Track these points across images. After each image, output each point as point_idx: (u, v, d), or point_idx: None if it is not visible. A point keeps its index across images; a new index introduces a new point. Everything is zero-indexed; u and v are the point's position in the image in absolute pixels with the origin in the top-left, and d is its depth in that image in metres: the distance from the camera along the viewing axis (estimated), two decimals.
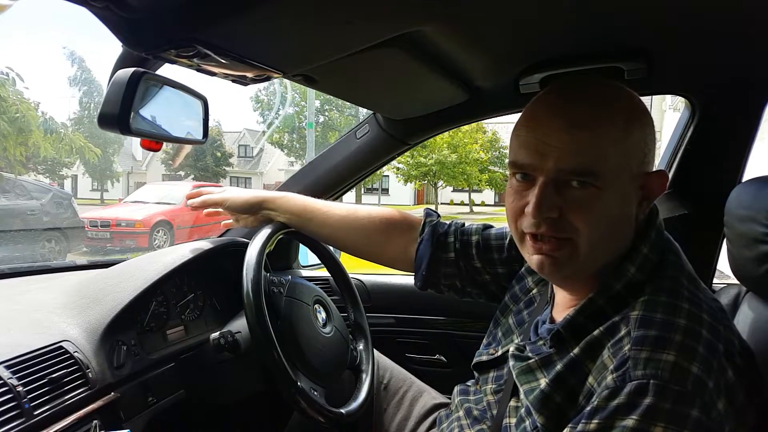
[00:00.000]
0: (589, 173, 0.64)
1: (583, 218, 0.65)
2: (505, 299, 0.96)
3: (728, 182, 1.09)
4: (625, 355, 0.59)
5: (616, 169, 0.65)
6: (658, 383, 0.56)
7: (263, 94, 22.12)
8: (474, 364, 0.93)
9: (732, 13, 0.80)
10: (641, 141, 0.68)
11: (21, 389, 0.74)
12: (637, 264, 0.68)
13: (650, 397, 0.55)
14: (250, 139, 29.70)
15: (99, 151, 9.91)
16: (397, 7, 0.68)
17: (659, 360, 0.57)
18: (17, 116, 7.65)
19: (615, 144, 0.65)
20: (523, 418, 0.72)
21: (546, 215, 0.66)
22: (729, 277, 0.90)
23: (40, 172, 20.49)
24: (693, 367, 0.57)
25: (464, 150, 18.61)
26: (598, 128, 0.65)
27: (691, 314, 0.61)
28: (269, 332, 0.89)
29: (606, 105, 0.68)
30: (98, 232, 9.40)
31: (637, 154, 0.68)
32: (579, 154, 0.64)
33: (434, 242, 1.03)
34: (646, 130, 0.69)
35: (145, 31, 0.63)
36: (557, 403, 0.66)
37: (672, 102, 10.34)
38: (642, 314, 0.62)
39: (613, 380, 0.59)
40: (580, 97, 0.70)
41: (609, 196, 0.65)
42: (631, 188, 0.68)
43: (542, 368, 0.70)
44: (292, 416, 1.12)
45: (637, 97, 0.72)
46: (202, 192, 1.23)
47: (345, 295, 1.22)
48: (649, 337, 0.59)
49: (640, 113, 0.69)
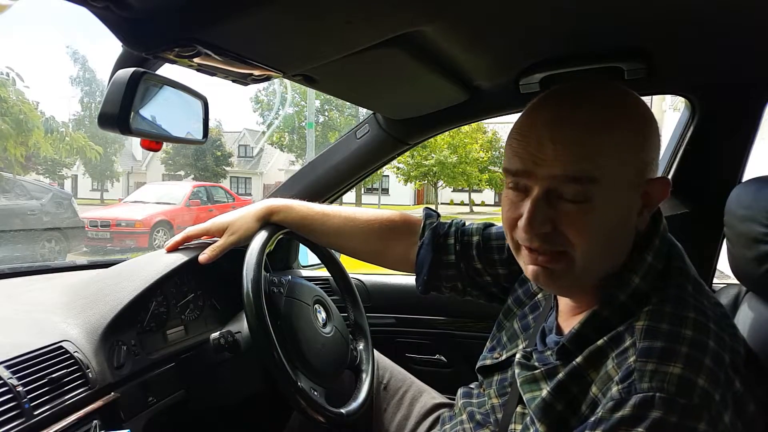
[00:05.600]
0: (582, 183, 0.62)
1: (577, 232, 0.64)
2: (508, 302, 0.95)
3: (728, 182, 1.09)
4: (631, 366, 0.59)
5: (612, 180, 0.62)
6: (664, 396, 0.55)
7: (263, 95, 22.14)
8: (478, 367, 0.92)
9: (732, 13, 0.80)
10: (643, 149, 0.65)
11: (21, 389, 0.74)
12: (641, 274, 0.66)
13: (656, 410, 0.55)
14: (250, 139, 29.71)
15: (101, 149, 9.87)
16: (397, 7, 0.68)
17: (665, 373, 0.56)
18: (20, 117, 7.63)
19: (612, 153, 0.63)
20: (528, 426, 0.71)
21: (538, 230, 0.65)
22: (729, 277, 0.90)
23: (40, 172, 20.50)
24: (700, 380, 0.56)
25: (464, 150, 18.62)
26: (596, 137, 0.63)
27: (697, 324, 0.60)
28: (269, 332, 0.89)
29: (605, 113, 0.65)
30: (98, 232, 9.41)
31: (638, 162, 0.65)
32: (573, 163, 0.62)
33: (435, 246, 1.02)
34: (649, 137, 0.66)
35: (145, 31, 0.63)
36: (558, 412, 0.65)
37: (672, 102, 10.33)
38: (647, 324, 0.61)
39: (618, 392, 0.58)
40: (577, 105, 0.66)
41: (604, 208, 0.63)
42: (630, 197, 0.65)
43: (546, 378, 0.69)
44: (292, 416, 1.12)
45: (643, 104, 0.68)
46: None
47: (345, 295, 1.22)
48: (655, 348, 0.58)
49: (644, 120, 0.66)
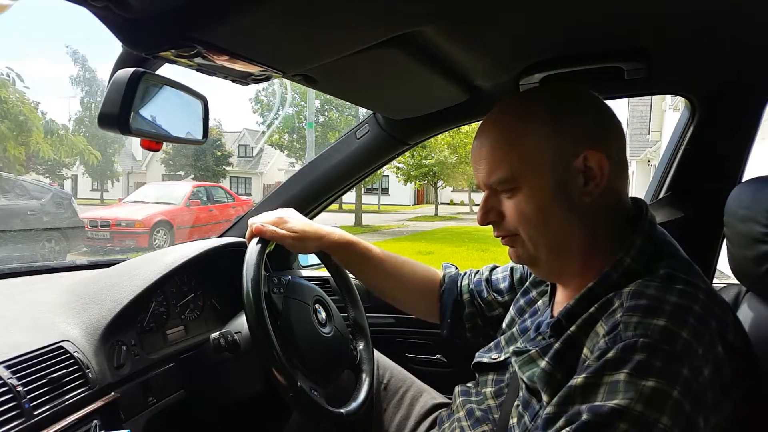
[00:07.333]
0: (506, 182, 0.73)
1: (515, 219, 0.74)
2: (511, 313, 0.97)
3: (728, 182, 1.09)
4: (617, 321, 0.61)
5: (529, 170, 0.72)
6: (647, 342, 0.57)
7: (263, 95, 22.07)
8: (474, 363, 0.94)
9: (732, 13, 0.80)
10: (558, 134, 0.71)
11: (21, 389, 0.74)
12: (632, 255, 0.70)
13: (640, 353, 0.56)
14: (250, 139, 29.71)
15: (99, 154, 9.85)
16: (397, 7, 0.68)
17: (650, 323, 0.58)
18: (20, 119, 7.62)
19: (522, 151, 0.72)
20: (522, 414, 0.73)
21: (488, 220, 0.77)
22: (729, 277, 0.90)
23: (40, 173, 20.49)
24: (683, 332, 0.58)
25: (464, 150, 18.60)
26: (511, 139, 0.73)
27: (683, 293, 0.62)
28: (269, 332, 0.89)
29: (520, 111, 0.75)
30: (98, 232, 9.41)
31: (554, 147, 0.71)
32: (495, 167, 0.74)
33: (454, 289, 1.10)
34: (576, 116, 0.72)
35: (145, 31, 0.63)
36: (558, 380, 0.66)
37: (672, 102, 10.35)
38: (634, 289, 0.64)
39: (605, 342, 0.60)
40: (499, 111, 0.77)
41: (531, 192, 0.72)
42: (561, 177, 0.71)
43: (542, 356, 0.71)
44: (292, 416, 1.12)
45: (566, 87, 0.79)
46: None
47: (345, 295, 1.22)
48: (641, 305, 0.61)
49: (567, 103, 0.74)
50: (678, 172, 1.22)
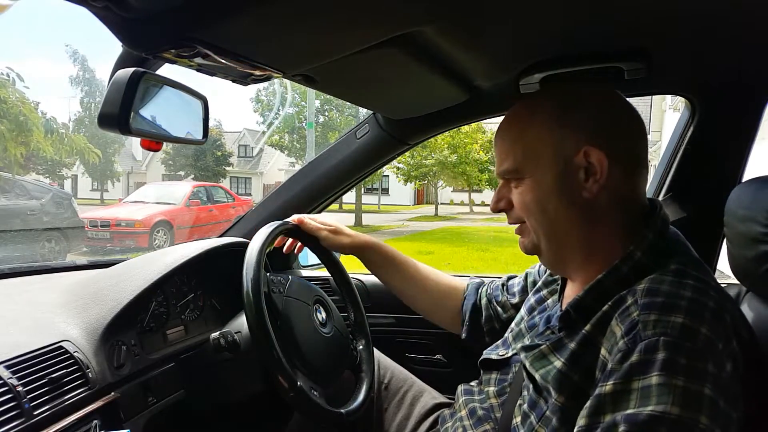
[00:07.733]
0: (512, 172, 0.78)
1: (521, 207, 0.78)
2: (521, 312, 0.97)
3: (728, 182, 1.09)
4: (634, 320, 0.60)
5: (534, 165, 0.75)
6: (669, 340, 0.56)
7: (263, 95, 22.04)
8: (481, 360, 0.94)
9: (732, 13, 0.80)
10: (573, 125, 0.73)
11: (21, 389, 0.74)
12: (642, 249, 0.70)
13: (662, 351, 0.56)
14: (250, 139, 29.69)
15: (99, 152, 9.83)
16: (397, 7, 0.68)
17: (668, 321, 0.58)
18: (20, 119, 7.61)
19: (527, 148, 0.76)
20: (528, 414, 0.72)
21: (499, 208, 0.82)
22: (729, 277, 0.90)
23: (40, 172, 20.48)
24: (702, 329, 0.57)
25: (464, 150, 18.59)
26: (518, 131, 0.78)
27: (696, 288, 0.62)
28: (269, 332, 0.89)
29: (532, 105, 0.79)
30: (98, 232, 9.40)
31: (568, 138, 0.73)
32: (504, 157, 0.79)
33: (474, 296, 1.15)
34: (581, 113, 0.74)
35: (145, 31, 0.63)
36: (575, 382, 0.66)
37: (672, 102, 10.34)
38: (648, 286, 0.64)
39: (624, 344, 0.59)
40: (517, 106, 0.81)
41: (534, 184, 0.76)
42: (563, 171, 0.74)
43: (554, 352, 0.71)
44: (292, 416, 1.12)
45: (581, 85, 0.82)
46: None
47: (345, 295, 1.22)
48: (657, 302, 0.61)
49: (576, 99, 0.76)
50: (678, 172, 1.22)
